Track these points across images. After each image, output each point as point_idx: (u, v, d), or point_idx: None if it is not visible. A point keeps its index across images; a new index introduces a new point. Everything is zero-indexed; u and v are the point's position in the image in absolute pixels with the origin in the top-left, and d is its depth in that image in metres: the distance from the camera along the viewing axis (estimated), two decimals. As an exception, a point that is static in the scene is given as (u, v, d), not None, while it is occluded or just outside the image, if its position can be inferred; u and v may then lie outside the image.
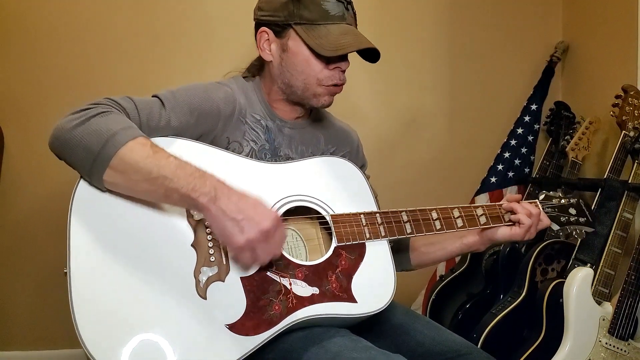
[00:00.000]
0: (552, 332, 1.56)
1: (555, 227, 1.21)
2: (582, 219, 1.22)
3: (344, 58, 1.12)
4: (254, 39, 1.18)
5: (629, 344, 1.51)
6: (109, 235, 0.91)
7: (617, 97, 1.76)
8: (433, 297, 2.08)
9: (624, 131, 1.72)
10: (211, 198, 0.87)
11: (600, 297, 1.53)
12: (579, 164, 1.97)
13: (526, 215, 1.13)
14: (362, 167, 1.31)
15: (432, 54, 2.28)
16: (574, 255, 1.65)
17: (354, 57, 1.14)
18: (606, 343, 1.50)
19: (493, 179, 2.20)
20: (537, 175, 2.17)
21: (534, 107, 2.24)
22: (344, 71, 1.14)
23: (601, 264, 1.56)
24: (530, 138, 2.23)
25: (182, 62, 2.07)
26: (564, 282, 1.55)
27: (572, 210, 1.23)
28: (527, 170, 2.23)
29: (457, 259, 2.17)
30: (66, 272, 0.86)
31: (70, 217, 0.90)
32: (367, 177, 1.18)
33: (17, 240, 1.98)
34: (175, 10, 2.06)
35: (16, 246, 1.98)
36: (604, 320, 1.51)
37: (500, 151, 2.23)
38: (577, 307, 1.50)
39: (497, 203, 1.17)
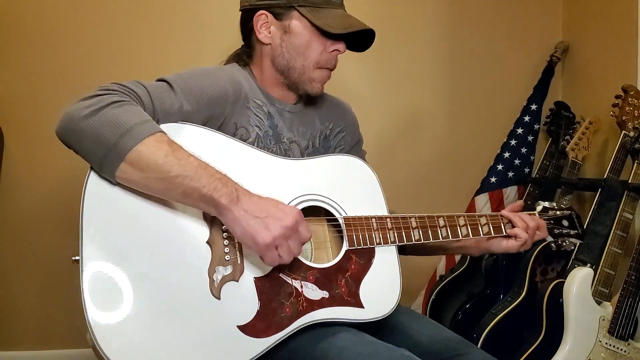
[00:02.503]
0: (552, 332, 1.56)
1: (550, 238, 1.25)
2: (572, 232, 1.26)
3: (341, 40, 1.15)
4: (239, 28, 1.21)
5: (629, 344, 1.51)
6: (122, 228, 0.89)
7: (617, 97, 1.76)
8: (433, 297, 2.08)
9: (623, 131, 1.72)
10: (233, 199, 0.87)
11: (600, 297, 1.53)
12: (579, 164, 1.97)
13: (523, 229, 1.16)
14: (358, 142, 1.35)
15: (432, 54, 2.27)
16: (574, 255, 1.65)
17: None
18: (606, 343, 1.50)
19: (493, 179, 2.19)
20: (537, 175, 2.16)
21: (534, 107, 2.24)
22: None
23: (601, 264, 1.56)
24: (530, 138, 2.23)
25: (182, 64, 2.07)
26: (564, 282, 1.56)
27: (565, 222, 1.27)
28: (527, 170, 2.22)
29: (457, 259, 2.17)
30: (76, 260, 0.85)
31: (82, 205, 0.87)
32: (364, 154, 1.24)
33: (17, 241, 1.98)
34: (177, 13, 2.06)
35: (17, 247, 1.98)
36: (604, 320, 1.51)
37: (500, 151, 2.23)
38: (577, 307, 1.50)
39: (499, 213, 1.19)
